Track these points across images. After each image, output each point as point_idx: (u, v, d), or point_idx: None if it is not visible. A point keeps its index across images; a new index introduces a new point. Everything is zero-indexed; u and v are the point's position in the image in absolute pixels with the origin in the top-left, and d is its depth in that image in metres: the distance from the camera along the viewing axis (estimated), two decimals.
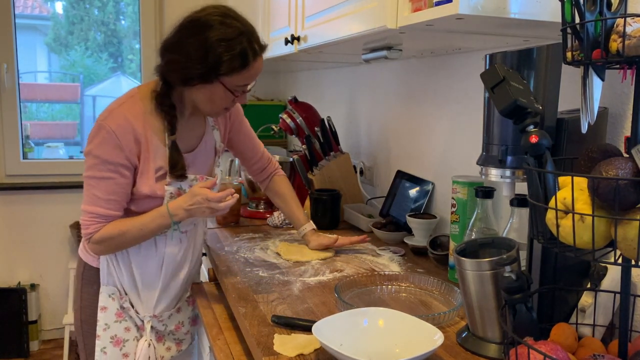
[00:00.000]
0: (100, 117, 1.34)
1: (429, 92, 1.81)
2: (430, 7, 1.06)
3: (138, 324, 1.46)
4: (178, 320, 1.53)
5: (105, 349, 1.42)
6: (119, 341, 1.44)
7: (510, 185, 1.03)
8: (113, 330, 1.43)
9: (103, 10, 3.43)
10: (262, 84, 3.44)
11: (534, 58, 0.97)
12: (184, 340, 1.57)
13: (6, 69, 3.04)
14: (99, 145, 1.32)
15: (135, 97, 1.38)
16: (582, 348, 0.89)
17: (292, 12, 1.89)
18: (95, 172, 1.33)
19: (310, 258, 1.55)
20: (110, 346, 1.42)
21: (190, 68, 1.27)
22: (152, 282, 1.45)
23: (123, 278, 1.43)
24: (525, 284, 0.89)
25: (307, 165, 2.05)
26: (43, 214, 3.18)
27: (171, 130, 1.37)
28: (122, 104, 1.36)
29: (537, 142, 0.84)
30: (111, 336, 1.43)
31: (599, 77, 0.77)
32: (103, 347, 1.42)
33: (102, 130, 1.31)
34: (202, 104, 1.37)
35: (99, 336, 1.42)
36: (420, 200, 1.79)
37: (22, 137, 3.17)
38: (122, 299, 1.43)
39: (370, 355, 0.96)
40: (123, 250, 1.41)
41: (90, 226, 1.36)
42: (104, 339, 1.42)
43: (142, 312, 1.46)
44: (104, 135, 1.31)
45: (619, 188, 0.69)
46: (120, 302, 1.43)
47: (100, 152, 1.32)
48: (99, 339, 1.42)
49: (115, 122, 1.32)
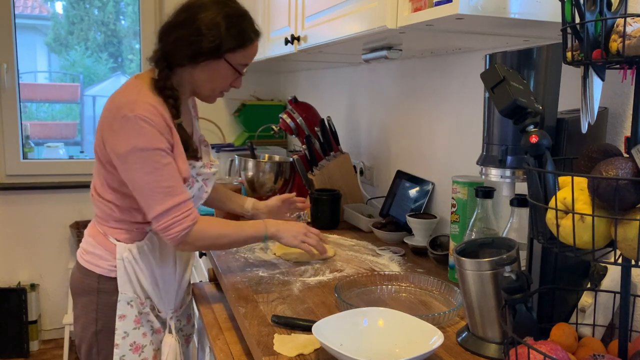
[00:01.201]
0: (124, 110, 1.26)
1: (429, 92, 1.81)
2: (430, 7, 1.06)
3: (155, 327, 1.44)
4: (188, 314, 1.57)
5: (125, 356, 1.39)
6: (138, 347, 1.41)
7: (510, 185, 1.03)
8: (132, 337, 1.40)
9: (103, 10, 3.43)
10: (262, 84, 3.44)
11: (534, 58, 0.97)
12: (190, 334, 1.59)
13: (6, 69, 3.04)
14: (139, 137, 1.25)
15: (143, 85, 1.34)
16: (582, 348, 0.89)
17: (292, 12, 1.88)
18: (151, 167, 1.26)
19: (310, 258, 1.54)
20: (130, 353, 1.40)
21: (200, 42, 1.31)
22: (170, 279, 1.45)
23: (145, 280, 1.40)
24: (525, 284, 0.89)
25: (307, 165, 2.05)
26: (43, 214, 3.18)
27: (176, 114, 1.35)
28: (139, 92, 1.31)
29: (537, 142, 0.84)
30: (130, 343, 1.40)
31: (599, 77, 0.77)
32: (122, 355, 1.39)
33: (135, 121, 1.25)
34: (203, 83, 1.39)
35: (118, 345, 1.39)
36: (420, 200, 1.79)
37: (22, 137, 3.17)
38: (142, 305, 1.41)
39: (370, 355, 0.96)
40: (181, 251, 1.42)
41: (185, 219, 1.28)
42: (123, 347, 1.39)
43: (164, 311, 1.45)
44: (141, 125, 1.25)
45: (619, 188, 0.69)
46: (140, 308, 1.40)
47: (144, 144, 1.25)
48: (118, 348, 1.39)
49: (146, 110, 1.27)
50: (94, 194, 1.41)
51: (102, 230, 1.41)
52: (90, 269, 1.41)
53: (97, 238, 1.41)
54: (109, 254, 1.39)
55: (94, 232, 1.43)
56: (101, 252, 1.40)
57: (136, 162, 1.25)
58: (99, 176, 1.39)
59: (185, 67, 1.36)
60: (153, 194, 1.26)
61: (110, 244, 1.39)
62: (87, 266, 1.41)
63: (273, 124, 2.39)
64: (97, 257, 1.40)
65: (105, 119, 1.32)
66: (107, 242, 1.40)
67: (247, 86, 3.40)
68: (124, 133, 1.25)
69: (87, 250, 1.43)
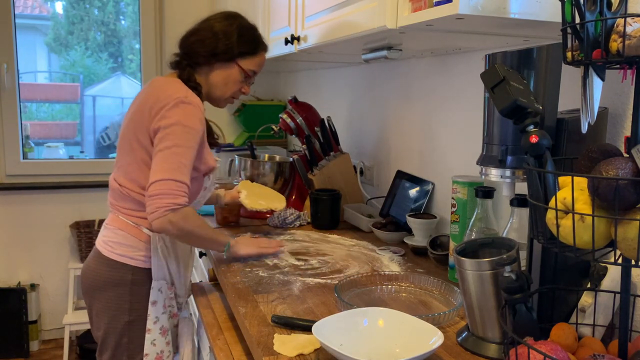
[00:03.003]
0: (178, 96, 1.40)
1: (428, 92, 1.81)
2: (430, 7, 1.06)
3: (173, 312, 1.54)
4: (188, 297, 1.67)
5: (155, 340, 1.48)
6: (165, 331, 1.50)
7: (510, 185, 1.03)
8: (161, 322, 1.49)
9: (103, 10, 3.43)
10: (262, 84, 3.44)
11: (534, 58, 0.97)
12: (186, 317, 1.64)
13: (6, 69, 3.04)
14: (188, 116, 1.39)
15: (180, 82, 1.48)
16: (582, 348, 0.89)
17: (292, 12, 1.88)
18: (184, 141, 1.37)
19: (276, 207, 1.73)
20: (159, 337, 1.49)
21: (215, 44, 1.50)
22: (188, 262, 1.58)
23: (173, 266, 1.50)
24: (525, 284, 0.89)
25: (307, 165, 2.05)
26: (43, 214, 3.18)
27: None
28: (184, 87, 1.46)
29: (537, 142, 0.84)
30: (160, 327, 1.49)
31: (599, 77, 0.77)
32: (153, 339, 1.48)
33: (186, 104, 1.40)
34: (216, 86, 1.55)
35: (150, 330, 1.48)
36: (420, 200, 1.79)
37: (22, 137, 3.17)
38: (170, 290, 1.51)
39: (370, 355, 0.96)
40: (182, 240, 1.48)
41: (180, 197, 1.36)
42: (154, 331, 1.48)
43: (182, 295, 1.56)
44: (191, 109, 1.40)
45: (619, 188, 0.69)
46: (167, 294, 1.50)
47: (190, 122, 1.39)
48: (150, 333, 1.48)
49: (196, 100, 1.44)
50: (125, 185, 1.47)
51: (132, 222, 1.48)
52: (124, 262, 1.47)
53: (128, 230, 1.48)
54: (142, 244, 1.47)
55: (123, 225, 1.48)
56: (134, 243, 1.47)
57: (172, 133, 1.37)
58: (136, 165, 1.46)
59: (202, 68, 1.53)
60: (169, 161, 1.35)
61: (144, 235, 1.47)
62: (120, 259, 1.47)
63: (273, 124, 2.38)
64: (131, 248, 1.47)
65: (153, 106, 1.41)
66: (140, 232, 1.47)
67: None
68: (175, 112, 1.39)
69: (118, 242, 1.48)
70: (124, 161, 1.48)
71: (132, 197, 1.47)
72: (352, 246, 1.70)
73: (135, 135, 1.44)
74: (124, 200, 1.49)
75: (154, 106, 1.40)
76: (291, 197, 2.17)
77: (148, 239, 1.47)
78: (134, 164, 1.45)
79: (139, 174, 1.45)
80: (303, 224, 1.96)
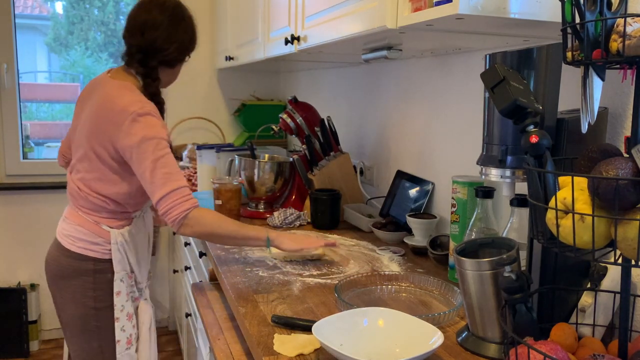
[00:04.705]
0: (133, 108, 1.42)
1: (428, 92, 1.81)
2: (430, 7, 1.06)
3: (135, 296, 1.65)
4: None
5: (124, 326, 1.59)
6: (130, 316, 1.61)
7: (510, 185, 1.03)
8: (127, 309, 1.60)
9: (103, 10, 3.43)
10: (262, 84, 3.44)
11: (534, 58, 0.97)
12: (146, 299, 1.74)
13: (6, 69, 3.04)
14: (149, 128, 1.42)
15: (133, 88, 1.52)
16: (582, 348, 0.89)
17: (292, 12, 1.88)
18: (158, 152, 1.41)
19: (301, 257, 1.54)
20: (127, 322, 1.60)
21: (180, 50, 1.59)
22: (145, 253, 1.69)
23: (132, 258, 1.60)
24: (525, 284, 0.89)
25: (307, 165, 2.05)
26: (43, 214, 3.18)
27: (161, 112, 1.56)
28: (133, 91, 1.49)
29: (537, 142, 0.84)
30: (126, 314, 1.60)
31: (599, 77, 0.77)
32: (122, 326, 1.58)
33: (143, 116, 1.42)
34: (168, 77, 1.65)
35: (118, 318, 1.58)
36: (420, 200, 1.79)
37: (22, 137, 3.17)
38: (130, 278, 1.61)
39: (370, 355, 0.96)
40: None
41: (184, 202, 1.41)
42: (122, 319, 1.59)
43: (142, 281, 1.68)
44: (150, 120, 1.43)
45: (619, 188, 0.69)
46: (128, 282, 1.60)
47: (154, 133, 1.42)
48: (118, 321, 1.58)
49: (150, 106, 1.46)
50: (84, 190, 1.53)
51: (92, 220, 1.55)
52: (86, 254, 1.56)
53: (88, 226, 1.56)
54: (102, 240, 1.57)
55: (83, 221, 1.56)
56: (94, 239, 1.56)
57: (145, 150, 1.40)
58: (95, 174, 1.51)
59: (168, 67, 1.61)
60: (155, 180, 1.40)
61: (103, 231, 1.56)
62: (81, 252, 1.56)
63: (273, 124, 2.38)
64: (92, 243, 1.56)
65: (109, 121, 1.44)
66: (100, 229, 1.56)
67: (247, 86, 3.41)
68: (137, 128, 1.41)
69: (77, 237, 1.56)
70: (82, 167, 1.54)
71: (90, 200, 1.54)
72: (352, 246, 1.70)
73: (90, 145, 1.49)
74: (83, 201, 1.56)
75: (111, 120, 1.44)
76: (291, 197, 2.17)
77: (108, 234, 1.56)
78: (93, 172, 1.51)
79: (98, 183, 1.52)
80: (303, 224, 1.96)
